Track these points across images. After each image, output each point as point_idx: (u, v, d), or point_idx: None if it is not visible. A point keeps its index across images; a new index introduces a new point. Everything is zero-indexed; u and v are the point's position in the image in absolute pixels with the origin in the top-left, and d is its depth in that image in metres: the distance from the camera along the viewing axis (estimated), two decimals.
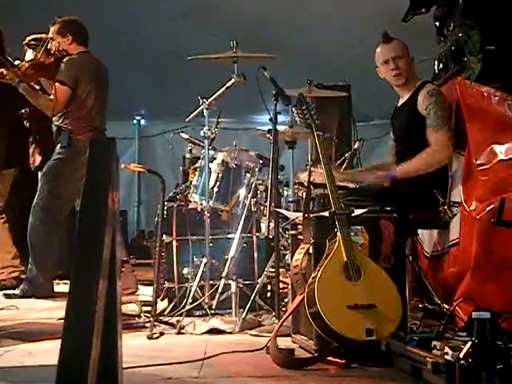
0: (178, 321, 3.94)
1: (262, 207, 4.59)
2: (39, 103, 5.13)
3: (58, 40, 5.21)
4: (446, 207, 3.88)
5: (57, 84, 5.00)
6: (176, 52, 6.11)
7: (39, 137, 5.78)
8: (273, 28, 7.40)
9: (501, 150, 3.64)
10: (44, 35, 5.39)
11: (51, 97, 5.01)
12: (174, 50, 6.80)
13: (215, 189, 4.46)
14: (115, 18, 7.08)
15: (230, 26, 6.87)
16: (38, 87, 5.30)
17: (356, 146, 5.30)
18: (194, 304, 4.18)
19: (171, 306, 4.32)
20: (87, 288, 1.64)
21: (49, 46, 5.22)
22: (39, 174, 5.63)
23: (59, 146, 5.16)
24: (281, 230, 4.26)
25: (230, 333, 3.85)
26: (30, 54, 5.47)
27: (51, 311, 4.47)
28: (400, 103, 4.18)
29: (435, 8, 4.82)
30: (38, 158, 5.75)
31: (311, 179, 3.62)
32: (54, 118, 5.18)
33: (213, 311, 4.14)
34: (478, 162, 3.72)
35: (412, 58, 4.09)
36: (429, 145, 3.91)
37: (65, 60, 5.12)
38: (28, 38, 5.56)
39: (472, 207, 3.60)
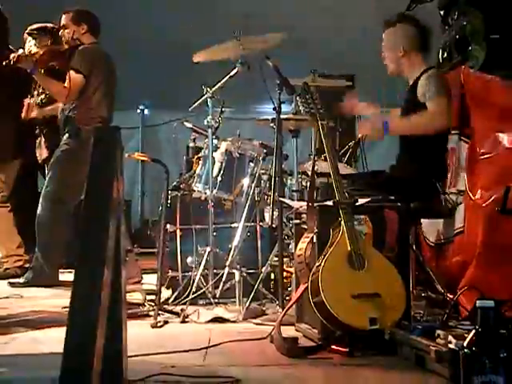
0: (182, 309, 3.95)
1: (265, 196, 4.59)
2: (53, 90, 5.14)
3: (73, 28, 5.22)
4: (450, 195, 3.88)
5: (71, 72, 5.00)
6: (180, 42, 6.10)
7: (47, 129, 5.78)
8: (276, 20, 7.37)
9: (505, 139, 3.64)
10: (48, 25, 5.39)
11: (65, 84, 5.01)
12: (178, 39, 6.79)
13: (219, 178, 4.46)
14: (120, 7, 7.06)
15: (233, 16, 6.85)
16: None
17: (360, 135, 5.29)
18: (198, 293, 4.20)
19: (175, 294, 4.33)
20: (92, 277, 1.65)
21: (60, 33, 5.23)
22: (46, 166, 5.64)
23: (66, 136, 5.16)
24: (284, 219, 4.27)
25: (234, 321, 3.86)
26: (32, 43, 5.47)
27: (56, 299, 4.48)
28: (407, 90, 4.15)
29: None
30: (45, 151, 5.75)
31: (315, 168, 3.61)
32: (64, 107, 5.18)
33: (217, 300, 4.16)
34: (482, 150, 3.71)
35: (406, 50, 4.02)
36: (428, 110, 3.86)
37: (80, 48, 5.13)
38: (30, 28, 5.56)
39: (477, 196, 3.59)
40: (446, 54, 4.62)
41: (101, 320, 1.61)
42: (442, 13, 4.74)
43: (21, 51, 5.13)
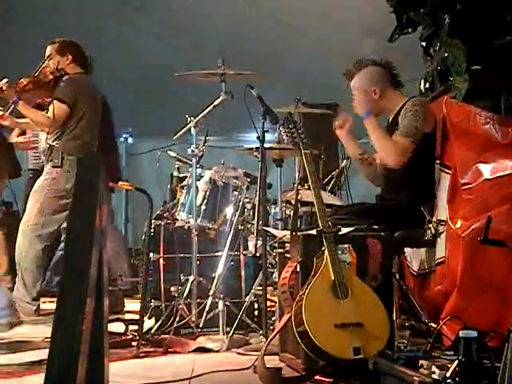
0: (164, 340, 3.92)
1: (249, 225, 4.59)
2: (37, 120, 5.13)
3: (57, 59, 5.22)
4: (432, 225, 3.90)
5: (55, 101, 5.00)
6: (164, 70, 6.12)
7: None
8: (258, 47, 7.43)
9: (486, 169, 3.67)
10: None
11: (48, 114, 5.01)
12: (161, 68, 6.82)
13: (202, 207, 4.46)
14: (102, 34, 7.09)
15: (216, 44, 6.90)
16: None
17: (344, 163, 5.32)
18: (182, 322, 4.17)
19: (158, 324, 4.30)
20: (74, 306, 1.64)
21: (45, 64, 5.24)
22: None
23: (50, 165, 5.14)
24: (268, 248, 4.26)
25: (218, 351, 3.84)
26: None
27: (35, 328, 4.43)
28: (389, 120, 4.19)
29: (421, 28, 4.85)
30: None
31: (299, 197, 3.63)
32: (48, 136, 5.17)
33: (200, 330, 4.13)
34: (463, 180, 3.74)
35: (381, 90, 4.07)
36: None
37: (65, 78, 5.13)
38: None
39: (457, 225, 3.61)
40: (427, 85, 4.67)
41: (83, 350, 1.60)
42: (423, 44, 4.80)
43: (4, 81, 5.13)
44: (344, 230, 3.33)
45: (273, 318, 4.15)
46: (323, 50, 7.29)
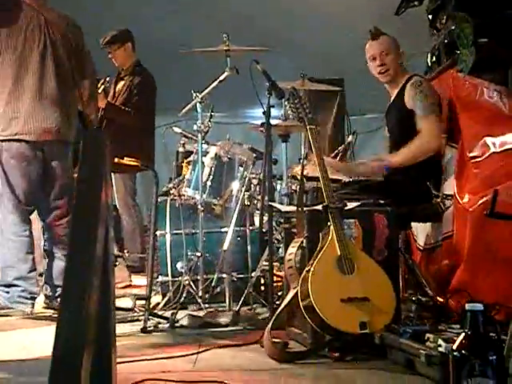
0: (172, 314, 3.94)
1: (255, 201, 4.59)
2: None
3: None
4: (439, 200, 3.89)
5: None
6: (169, 46, 6.09)
7: None
8: (265, 22, 7.38)
9: (494, 143, 3.65)
10: None
11: None
12: (166, 44, 6.78)
13: (208, 183, 4.46)
14: (109, 10, 7.05)
15: (221, 19, 6.85)
16: None
17: (349, 139, 5.30)
18: (188, 298, 4.19)
19: (165, 299, 4.32)
20: (81, 284, 1.64)
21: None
22: None
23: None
24: (274, 223, 4.27)
25: (225, 326, 3.85)
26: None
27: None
28: (391, 100, 4.18)
29: (428, 1, 4.81)
30: None
31: (305, 172, 3.62)
32: None
33: (207, 305, 4.15)
34: (470, 154, 3.73)
35: (402, 53, 4.10)
36: (419, 133, 3.91)
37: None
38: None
39: (465, 200, 3.60)
40: (434, 58, 4.64)
41: (90, 327, 1.61)
42: (430, 17, 4.76)
43: None
44: (350, 205, 3.33)
45: (279, 293, 4.16)
46: (330, 28, 7.24)
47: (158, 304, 4.29)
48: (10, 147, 4.23)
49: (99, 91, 5.29)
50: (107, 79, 5.68)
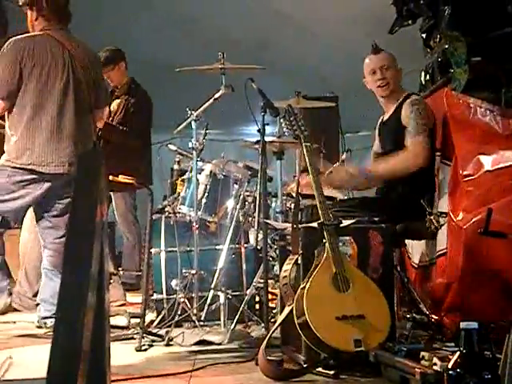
0: (166, 332, 3.93)
1: (250, 218, 4.59)
2: None
3: None
4: (432, 217, 3.90)
5: None
6: (164, 64, 6.12)
7: None
8: (260, 41, 7.43)
9: (487, 161, 3.67)
10: None
11: None
12: (161, 62, 6.81)
13: (203, 200, 4.46)
14: (99, 29, 7.08)
15: (216, 38, 6.89)
16: None
17: (344, 156, 5.32)
18: (183, 316, 4.18)
19: (160, 317, 4.31)
20: (76, 301, 1.64)
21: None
22: None
23: None
24: (269, 241, 4.26)
25: (219, 344, 3.84)
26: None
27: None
28: (386, 117, 4.20)
29: (422, 20, 4.85)
30: None
31: (299, 190, 3.63)
32: None
33: (201, 323, 4.13)
34: (464, 172, 3.74)
35: (400, 69, 4.14)
36: (404, 148, 3.93)
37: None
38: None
39: (459, 218, 3.61)
40: (428, 77, 4.67)
41: (85, 345, 1.60)
42: (423, 36, 4.80)
43: None
44: (345, 223, 3.33)
45: (274, 311, 4.15)
46: (324, 47, 7.29)
47: (153, 322, 4.28)
48: (20, 174, 4.24)
49: None
50: None
